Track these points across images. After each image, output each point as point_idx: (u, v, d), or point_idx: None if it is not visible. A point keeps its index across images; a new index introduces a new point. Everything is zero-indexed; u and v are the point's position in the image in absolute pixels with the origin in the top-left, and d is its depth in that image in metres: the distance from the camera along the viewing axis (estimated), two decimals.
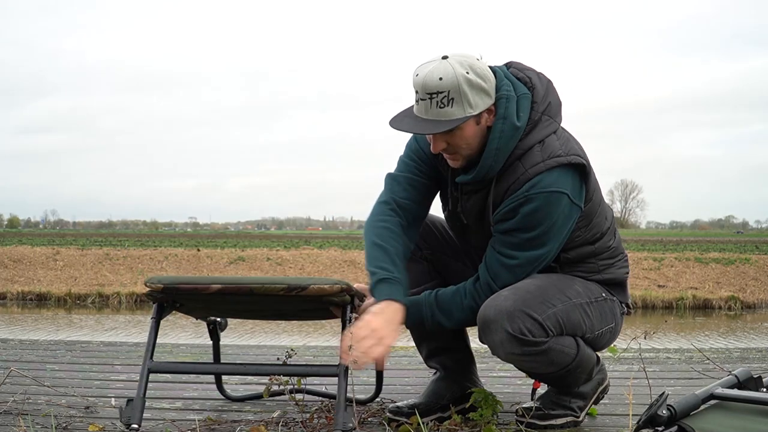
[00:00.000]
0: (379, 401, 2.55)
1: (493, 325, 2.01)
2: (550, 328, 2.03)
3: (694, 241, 40.14)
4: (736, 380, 2.00)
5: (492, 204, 2.09)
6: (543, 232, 2.03)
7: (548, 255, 2.09)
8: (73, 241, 32.07)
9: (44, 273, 19.36)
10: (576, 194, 2.05)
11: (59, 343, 4.07)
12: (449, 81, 1.92)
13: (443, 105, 1.94)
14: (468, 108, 1.95)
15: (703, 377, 3.00)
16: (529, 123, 2.03)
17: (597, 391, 2.30)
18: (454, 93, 1.93)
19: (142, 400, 1.98)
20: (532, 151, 2.02)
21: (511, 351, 2.03)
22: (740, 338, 11.23)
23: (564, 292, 2.09)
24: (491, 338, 2.04)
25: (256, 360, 3.49)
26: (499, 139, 2.00)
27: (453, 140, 2.01)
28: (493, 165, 2.04)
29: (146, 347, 2.06)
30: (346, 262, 20.55)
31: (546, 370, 2.13)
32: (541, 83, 2.08)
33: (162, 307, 2.10)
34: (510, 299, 2.01)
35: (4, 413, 2.36)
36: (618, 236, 2.28)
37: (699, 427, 1.77)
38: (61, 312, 14.70)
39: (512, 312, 1.99)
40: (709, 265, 20.42)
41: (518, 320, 1.99)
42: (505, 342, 2.01)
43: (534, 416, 2.19)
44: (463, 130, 1.98)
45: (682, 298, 16.06)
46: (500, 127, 2.00)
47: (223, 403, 2.57)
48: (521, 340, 2.00)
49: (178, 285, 2.03)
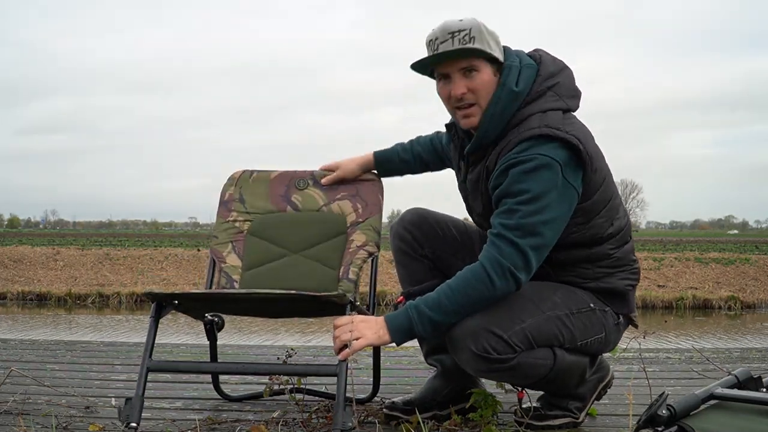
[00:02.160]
0: (379, 400, 2.54)
1: (459, 343, 2.02)
2: (517, 344, 2.00)
3: (694, 241, 40.12)
4: (736, 380, 2.00)
5: (486, 169, 2.08)
6: (534, 197, 1.95)
7: (543, 228, 1.96)
8: (73, 241, 32.06)
9: (44, 273, 19.36)
10: (570, 173, 1.98)
11: (59, 343, 4.07)
12: (470, 22, 2.02)
13: (466, 41, 2.00)
14: (488, 47, 2.02)
15: (703, 377, 3.00)
16: (531, 93, 2.05)
17: (597, 390, 2.29)
18: (476, 32, 2.01)
19: (140, 399, 1.98)
20: (530, 119, 2.03)
21: (478, 368, 2.04)
22: (740, 338, 11.23)
23: (538, 305, 2.06)
24: (458, 356, 2.05)
25: (257, 360, 3.49)
26: (495, 104, 2.04)
27: (473, 84, 2.04)
28: (489, 130, 2.06)
29: (145, 346, 2.06)
30: None
31: (523, 382, 2.14)
32: (554, 63, 2.11)
33: (161, 306, 2.10)
34: (476, 318, 2.00)
35: (4, 413, 2.36)
36: (628, 248, 2.19)
37: (699, 427, 1.77)
38: (61, 312, 14.71)
39: (476, 330, 1.99)
40: (709, 265, 20.40)
41: (482, 338, 1.98)
42: (471, 360, 2.02)
43: (532, 417, 2.19)
44: (482, 73, 2.04)
45: (682, 298, 16.06)
46: (498, 93, 2.04)
47: (223, 403, 2.57)
48: (485, 358, 1.99)
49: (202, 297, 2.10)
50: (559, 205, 1.97)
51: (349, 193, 2.57)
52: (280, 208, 2.59)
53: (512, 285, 1.98)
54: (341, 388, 1.93)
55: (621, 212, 2.17)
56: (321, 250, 2.50)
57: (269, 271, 2.49)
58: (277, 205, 2.59)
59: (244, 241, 2.54)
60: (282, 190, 2.60)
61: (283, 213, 2.58)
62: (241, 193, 2.61)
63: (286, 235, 2.53)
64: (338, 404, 1.91)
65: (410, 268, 2.16)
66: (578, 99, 2.12)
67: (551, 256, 2.08)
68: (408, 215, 2.37)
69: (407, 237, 2.34)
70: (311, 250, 2.51)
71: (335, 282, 2.44)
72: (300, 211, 2.57)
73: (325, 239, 2.52)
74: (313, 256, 2.50)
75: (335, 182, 2.58)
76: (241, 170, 2.66)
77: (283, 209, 2.58)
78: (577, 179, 2.00)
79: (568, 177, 1.98)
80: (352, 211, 2.55)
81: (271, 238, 2.54)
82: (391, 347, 3.94)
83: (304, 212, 2.57)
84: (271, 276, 2.47)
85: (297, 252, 2.51)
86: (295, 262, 2.50)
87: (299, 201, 2.59)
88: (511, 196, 1.97)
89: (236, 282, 2.48)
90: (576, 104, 2.10)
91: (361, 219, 2.53)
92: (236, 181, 2.63)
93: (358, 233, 2.51)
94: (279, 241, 2.53)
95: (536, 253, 1.98)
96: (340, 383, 1.94)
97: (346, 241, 2.51)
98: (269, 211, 2.59)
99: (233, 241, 2.55)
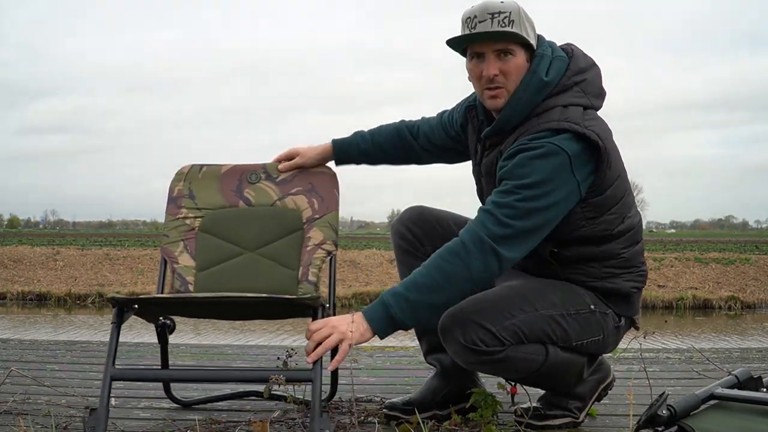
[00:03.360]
0: (379, 401, 2.54)
1: (448, 334, 2.04)
2: (506, 338, 2.01)
3: (694, 241, 40.11)
4: (736, 380, 2.00)
5: (500, 154, 2.08)
6: (534, 183, 1.93)
7: (537, 216, 1.94)
8: (73, 241, 32.05)
9: (44, 273, 19.36)
10: (579, 166, 1.97)
11: (59, 343, 4.07)
12: (511, 4, 2.01)
13: (505, 24, 2.00)
14: (525, 33, 2.02)
15: (703, 377, 3.00)
16: (558, 86, 2.05)
17: (597, 390, 2.28)
18: (515, 16, 2.00)
19: (105, 409, 1.90)
20: (552, 111, 2.03)
21: (466, 359, 2.05)
22: (740, 338, 11.23)
23: (533, 302, 2.06)
24: (448, 347, 2.07)
25: (256, 360, 3.49)
26: (523, 90, 2.04)
27: (506, 67, 2.04)
28: (512, 115, 2.05)
29: (108, 353, 1.98)
30: (346, 262, 20.53)
31: (514, 375, 2.14)
32: (585, 59, 2.11)
33: (122, 311, 2.03)
34: (467, 309, 2.02)
35: (4, 413, 2.36)
36: (637, 249, 2.18)
37: (699, 427, 1.77)
38: (61, 312, 14.70)
39: (465, 321, 2.01)
40: (709, 265, 20.40)
41: (470, 330, 2.00)
42: (459, 351, 2.04)
43: (532, 417, 2.18)
44: (516, 57, 2.03)
45: (682, 298, 16.06)
46: (527, 79, 2.04)
47: (223, 403, 2.57)
48: (473, 349, 2.00)
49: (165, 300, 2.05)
50: (558, 196, 1.96)
51: (305, 188, 2.49)
52: (233, 203, 2.48)
53: (493, 263, 1.92)
54: (316, 393, 1.90)
55: (633, 211, 2.17)
56: (277, 248, 2.43)
57: (225, 272, 2.41)
58: (229, 200, 2.49)
59: (196, 239, 2.45)
60: (234, 185, 2.50)
61: (236, 208, 2.48)
62: (191, 189, 2.50)
63: (240, 232, 2.44)
64: (314, 410, 1.88)
65: (412, 266, 2.16)
66: (602, 99, 2.12)
67: (559, 252, 2.08)
68: (408, 213, 2.37)
69: (408, 235, 2.33)
70: (267, 248, 2.43)
71: (295, 283, 2.39)
72: (253, 206, 2.48)
73: (280, 236, 2.45)
74: (269, 255, 2.42)
75: (292, 169, 2.50)
76: (189, 165, 2.54)
77: (236, 204, 2.49)
78: (583, 174, 1.99)
79: (575, 170, 1.97)
80: (308, 207, 2.47)
81: (224, 236, 2.45)
82: (391, 347, 3.95)
83: (257, 207, 2.48)
84: (227, 277, 2.39)
85: (252, 250, 2.43)
86: (251, 262, 2.42)
87: (252, 196, 2.49)
88: (512, 179, 1.97)
89: (190, 284, 2.39)
90: (600, 104, 2.11)
91: (318, 215, 2.46)
92: (185, 176, 2.51)
93: (315, 230, 2.44)
94: (233, 238, 2.44)
95: (524, 238, 1.95)
96: (315, 389, 1.90)
97: (302, 238, 2.44)
98: (221, 207, 2.49)
99: (185, 239, 2.44)
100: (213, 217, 2.47)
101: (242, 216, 2.47)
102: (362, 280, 18.42)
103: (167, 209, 2.48)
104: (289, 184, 2.50)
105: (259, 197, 2.49)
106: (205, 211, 2.48)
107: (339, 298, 16.16)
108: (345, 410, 2.40)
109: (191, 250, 2.43)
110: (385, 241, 32.53)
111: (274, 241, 2.44)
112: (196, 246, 2.44)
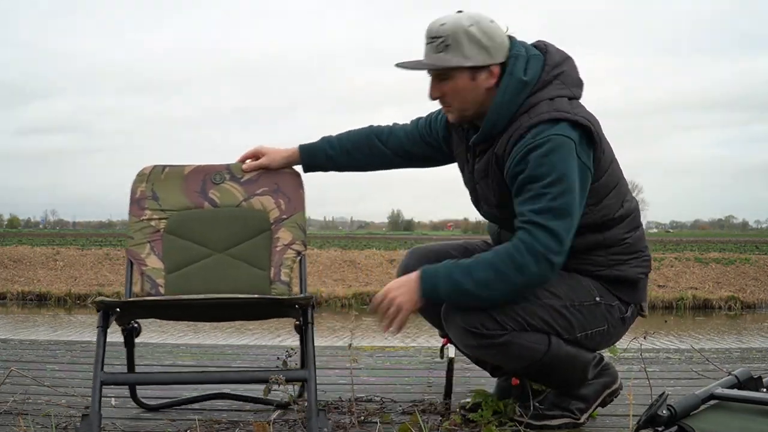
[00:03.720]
0: (379, 401, 2.54)
1: (449, 318, 2.12)
2: (506, 323, 2.05)
3: (694, 241, 40.11)
4: (736, 380, 2.00)
5: (495, 156, 2.09)
6: (558, 179, 1.97)
7: (572, 208, 1.99)
8: (73, 241, 32.04)
9: (44, 273, 19.35)
10: (583, 152, 2.01)
11: (59, 343, 4.07)
12: (449, 28, 2.02)
13: (439, 50, 2.03)
14: (461, 58, 2.03)
15: (703, 377, 2.99)
16: (539, 82, 2.07)
17: (602, 395, 2.26)
18: (451, 40, 2.02)
19: (97, 414, 1.90)
20: (539, 105, 2.05)
21: (467, 343, 2.12)
22: (740, 338, 11.23)
23: (536, 293, 2.07)
24: (450, 331, 2.16)
25: (256, 360, 3.49)
26: (504, 93, 2.06)
27: (445, 89, 2.08)
28: (498, 119, 2.07)
29: (95, 358, 1.97)
30: (346, 262, 20.53)
31: (516, 364, 2.15)
32: (559, 53, 2.13)
33: (108, 314, 2.02)
34: None
35: (4, 413, 2.36)
36: (639, 234, 2.21)
37: (699, 427, 1.77)
38: (61, 312, 14.70)
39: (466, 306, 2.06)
40: (709, 265, 20.39)
41: (471, 315, 2.06)
42: (461, 335, 2.11)
43: (531, 417, 2.18)
44: (455, 80, 2.06)
45: (682, 298, 16.05)
46: (506, 81, 2.06)
47: (223, 403, 2.57)
48: (473, 333, 2.06)
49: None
50: (579, 184, 2.01)
51: (270, 189, 2.47)
52: (198, 204, 2.45)
53: (548, 270, 1.99)
54: (311, 394, 1.90)
55: (629, 195, 2.21)
56: (246, 249, 2.42)
57: (195, 273, 2.39)
58: (193, 201, 2.45)
59: (162, 241, 2.42)
60: (198, 186, 2.47)
61: (201, 209, 2.45)
62: (154, 190, 2.46)
63: (207, 233, 2.42)
64: (310, 409, 1.88)
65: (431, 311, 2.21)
66: (582, 89, 2.15)
67: None
68: (415, 255, 2.35)
69: None
70: (236, 248, 2.42)
71: (267, 283, 2.38)
72: (219, 207, 2.45)
73: (248, 237, 2.43)
74: (238, 256, 2.41)
75: (257, 170, 2.48)
76: (150, 165, 2.50)
77: (201, 205, 2.45)
78: (589, 159, 2.04)
79: (581, 156, 2.02)
80: (275, 207, 2.46)
81: (191, 237, 2.42)
82: (391, 347, 3.95)
83: (222, 208, 2.45)
84: (198, 278, 2.38)
85: (221, 251, 2.41)
86: (221, 262, 2.40)
87: (217, 196, 2.47)
88: (536, 181, 1.99)
89: (161, 286, 2.37)
90: (580, 93, 2.14)
91: (285, 215, 2.45)
92: (147, 177, 2.48)
93: (284, 230, 2.44)
94: (200, 239, 2.42)
95: (568, 235, 2.00)
96: (310, 389, 1.90)
97: (271, 238, 2.43)
98: (186, 208, 2.45)
99: (150, 241, 2.41)
100: (178, 218, 2.44)
101: (208, 217, 2.45)
102: (362, 280, 18.41)
103: (130, 210, 2.45)
104: (255, 184, 2.48)
105: (225, 198, 2.47)
106: (170, 212, 2.45)
107: (339, 298, 16.16)
108: (345, 410, 2.40)
109: (158, 252, 2.41)
110: (385, 241, 32.52)
111: (243, 242, 2.43)
112: (162, 248, 2.41)
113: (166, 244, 2.41)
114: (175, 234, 2.42)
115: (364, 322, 12.33)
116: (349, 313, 14.12)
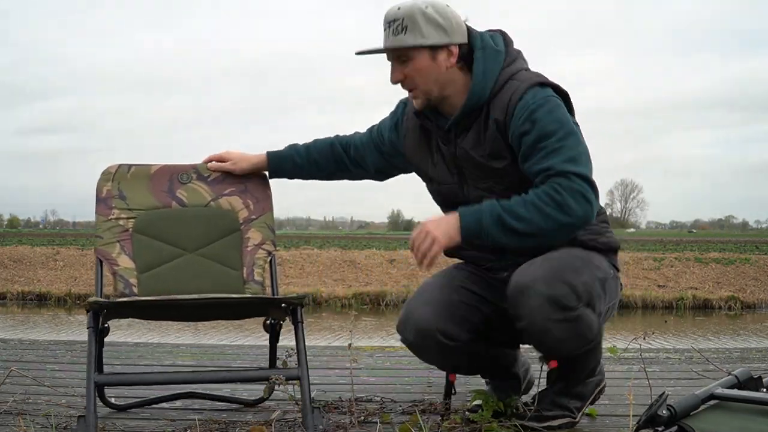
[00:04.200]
0: (379, 401, 2.55)
1: (529, 290, 2.03)
2: (581, 295, 2.06)
3: (694, 241, 40.11)
4: (736, 380, 2.00)
5: (497, 121, 2.10)
6: (569, 132, 2.03)
7: (589, 155, 2.05)
8: (73, 241, 32.05)
9: (44, 273, 19.36)
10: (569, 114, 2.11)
11: (59, 343, 4.07)
12: (405, 10, 2.07)
13: (398, 32, 2.08)
14: (419, 37, 2.06)
15: (703, 377, 3.00)
16: (509, 55, 2.15)
17: (594, 392, 2.29)
18: (408, 21, 2.06)
19: (93, 416, 1.90)
20: (521, 72, 2.13)
21: (548, 316, 2.03)
22: (740, 338, 11.23)
23: (587, 264, 2.11)
24: (527, 303, 2.04)
25: (257, 360, 3.49)
26: (483, 61, 2.11)
27: (407, 71, 2.11)
28: (484, 87, 2.11)
29: (88, 359, 1.97)
30: (346, 262, 20.53)
31: (573, 344, 2.11)
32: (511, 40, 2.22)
33: (98, 315, 2.02)
34: (543, 267, 2.05)
35: (4, 413, 2.36)
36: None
37: (699, 427, 1.77)
38: (61, 312, 14.70)
39: (548, 277, 2.03)
40: (709, 265, 20.39)
41: (555, 285, 2.02)
42: (544, 306, 2.02)
43: (532, 418, 2.18)
44: (415, 61, 2.10)
45: (682, 298, 16.06)
46: (481, 54, 2.11)
47: (223, 404, 2.57)
48: (559, 303, 2.02)
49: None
50: (580, 135, 2.08)
51: (238, 189, 2.49)
52: (165, 204, 2.45)
53: (588, 209, 1.98)
54: (305, 391, 1.90)
55: None
56: (217, 249, 2.43)
57: (168, 273, 2.39)
58: (161, 201, 2.45)
59: (132, 240, 2.41)
60: (165, 185, 2.47)
61: (169, 209, 2.45)
62: (120, 189, 2.45)
63: (177, 233, 2.42)
64: (305, 407, 1.88)
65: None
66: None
67: None
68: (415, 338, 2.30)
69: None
70: (207, 248, 2.42)
71: (241, 283, 2.40)
72: (187, 207, 2.46)
73: (218, 237, 2.44)
74: (210, 256, 2.42)
75: (222, 171, 2.50)
76: (116, 164, 2.49)
77: (169, 205, 2.45)
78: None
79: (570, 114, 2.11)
80: (243, 207, 2.47)
81: (160, 236, 2.42)
82: (391, 347, 3.96)
83: (191, 207, 2.46)
84: (172, 278, 2.38)
85: (192, 251, 2.41)
86: (192, 262, 2.40)
87: (185, 196, 2.47)
88: (549, 137, 2.02)
89: (134, 286, 2.35)
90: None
91: (254, 216, 2.47)
92: (113, 176, 2.46)
93: (253, 231, 2.45)
94: (170, 239, 2.42)
95: (593, 179, 2.02)
96: (303, 386, 1.90)
97: (241, 238, 2.45)
98: (154, 207, 2.45)
99: (120, 240, 2.40)
100: (146, 217, 2.44)
101: (176, 217, 2.45)
102: (362, 280, 18.41)
103: (97, 209, 2.42)
104: (222, 184, 2.50)
105: (192, 198, 2.48)
106: (137, 211, 2.44)
107: (339, 298, 16.16)
108: (345, 410, 2.40)
109: (129, 252, 2.40)
110: (385, 241, 32.48)
111: (213, 242, 2.44)
112: (132, 247, 2.41)
113: (136, 243, 2.41)
114: (144, 233, 2.42)
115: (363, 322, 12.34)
116: (349, 313, 14.12)
